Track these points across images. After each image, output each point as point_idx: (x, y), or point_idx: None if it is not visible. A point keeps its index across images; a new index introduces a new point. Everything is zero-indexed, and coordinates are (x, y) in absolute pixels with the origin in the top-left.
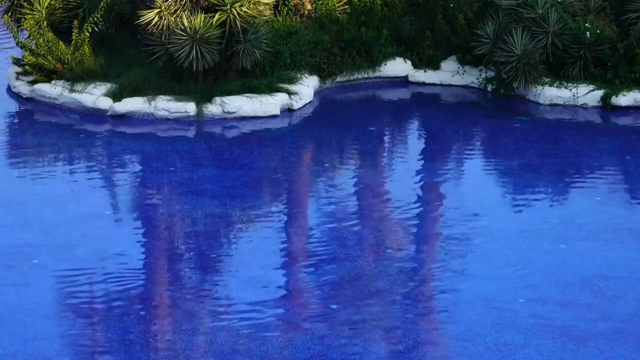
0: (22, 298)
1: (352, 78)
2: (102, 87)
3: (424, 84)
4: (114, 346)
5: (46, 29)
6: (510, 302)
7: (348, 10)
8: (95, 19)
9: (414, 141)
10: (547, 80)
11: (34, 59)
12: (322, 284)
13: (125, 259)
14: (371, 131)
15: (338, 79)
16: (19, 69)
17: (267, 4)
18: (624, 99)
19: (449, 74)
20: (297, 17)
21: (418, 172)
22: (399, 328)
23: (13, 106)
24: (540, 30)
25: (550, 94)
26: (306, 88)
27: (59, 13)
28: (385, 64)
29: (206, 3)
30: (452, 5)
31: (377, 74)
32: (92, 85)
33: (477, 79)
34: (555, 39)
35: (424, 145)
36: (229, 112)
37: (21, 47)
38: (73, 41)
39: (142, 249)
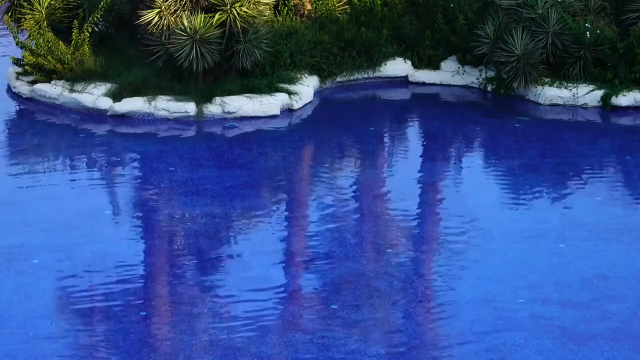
0: (22, 298)
1: (352, 78)
2: (102, 87)
3: (424, 84)
4: (114, 346)
5: (46, 29)
6: (510, 302)
7: (348, 10)
8: (95, 19)
9: (414, 141)
10: (547, 80)
11: (34, 59)
12: (322, 284)
13: (125, 259)
14: (371, 131)
15: (338, 79)
16: (19, 69)
17: (267, 4)
18: (624, 99)
19: (449, 74)
20: (297, 17)
21: (418, 172)
22: (399, 328)
23: (13, 106)
24: (540, 30)
25: (550, 94)
26: (306, 88)
27: (59, 13)
28: (385, 64)
29: (206, 3)
30: (452, 5)
31: (377, 74)
32: (92, 85)
33: (477, 79)
34: (555, 39)
35: (423, 145)
36: (229, 112)
37: (21, 47)
38: (73, 41)
39: (142, 249)
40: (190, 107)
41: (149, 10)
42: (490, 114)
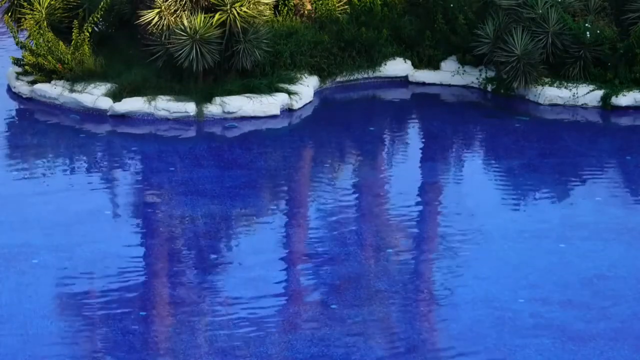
0: (22, 298)
1: (352, 78)
2: (102, 87)
3: (424, 84)
4: (114, 346)
5: (46, 29)
6: (510, 302)
7: (348, 10)
8: (95, 19)
9: (414, 141)
10: (547, 80)
11: (34, 59)
12: (322, 284)
13: (125, 259)
14: (371, 131)
15: (338, 79)
16: (19, 69)
17: (267, 4)
18: (624, 99)
19: (449, 74)
20: (297, 17)
21: (418, 172)
22: (399, 328)
23: (13, 106)
24: (540, 30)
25: (550, 94)
26: (306, 88)
27: (59, 13)
28: (385, 64)
29: (206, 3)
30: (452, 5)
31: (377, 74)
32: (92, 85)
33: (477, 79)
34: (555, 39)
35: (423, 145)
36: (229, 112)
37: (21, 47)
38: (73, 41)
39: (142, 249)
40: (190, 107)
41: (149, 10)
42: (490, 114)
